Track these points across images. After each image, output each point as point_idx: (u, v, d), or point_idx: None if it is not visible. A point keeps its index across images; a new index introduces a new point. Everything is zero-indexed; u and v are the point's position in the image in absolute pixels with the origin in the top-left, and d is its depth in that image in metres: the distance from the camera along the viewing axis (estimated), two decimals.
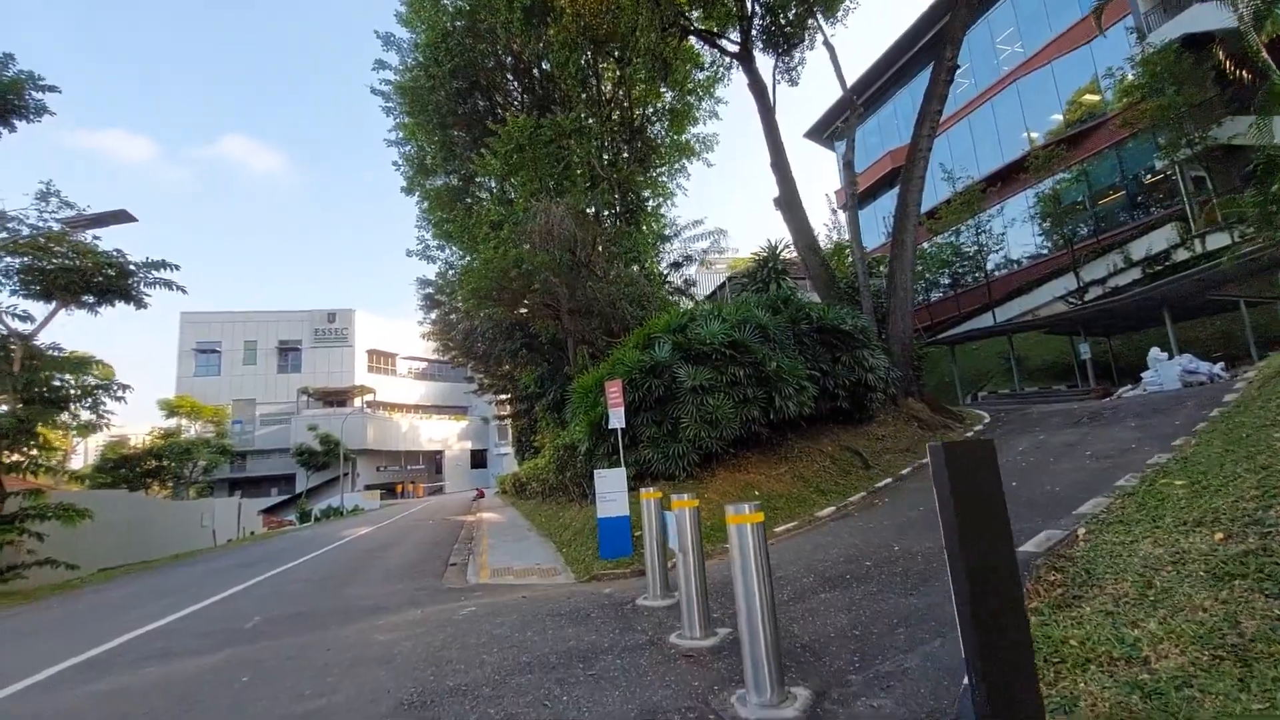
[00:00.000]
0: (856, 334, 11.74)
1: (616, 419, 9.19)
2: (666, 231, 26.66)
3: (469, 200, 28.66)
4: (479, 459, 66.36)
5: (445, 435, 63.25)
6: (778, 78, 19.99)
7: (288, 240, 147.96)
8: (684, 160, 29.82)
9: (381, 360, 60.44)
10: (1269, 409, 6.60)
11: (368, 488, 55.19)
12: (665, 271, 21.71)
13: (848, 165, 14.86)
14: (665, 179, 29.65)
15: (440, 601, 7.20)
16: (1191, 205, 21.36)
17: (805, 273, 15.73)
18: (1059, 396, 17.66)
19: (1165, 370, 13.30)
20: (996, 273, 29.44)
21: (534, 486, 19.83)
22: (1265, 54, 13.56)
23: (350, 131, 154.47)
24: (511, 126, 16.94)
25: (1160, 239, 21.98)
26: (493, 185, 27.81)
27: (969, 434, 12.96)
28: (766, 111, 17.31)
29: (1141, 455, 8.42)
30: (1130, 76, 22.06)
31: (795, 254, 17.13)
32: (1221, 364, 12.91)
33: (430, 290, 34.07)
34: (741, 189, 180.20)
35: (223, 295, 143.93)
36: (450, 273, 30.72)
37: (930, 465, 2.17)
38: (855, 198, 15.04)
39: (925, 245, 30.69)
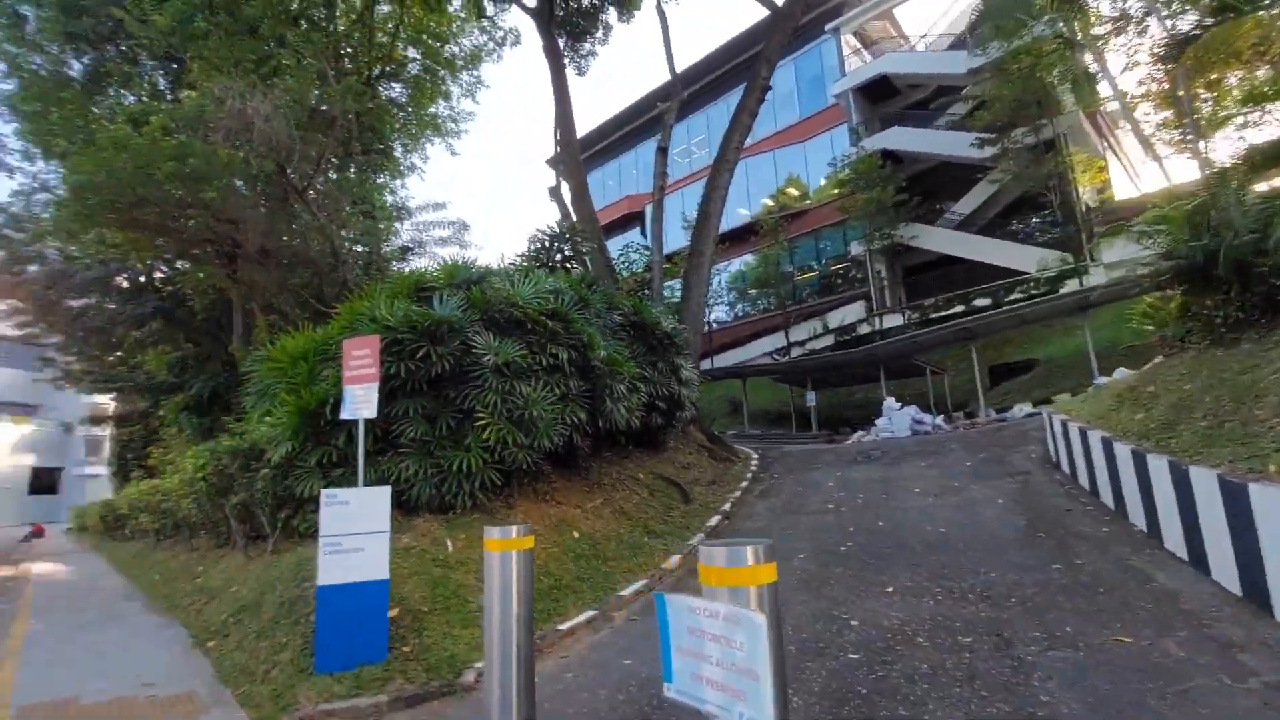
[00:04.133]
0: (676, 337, 9.62)
1: (362, 403, 5.17)
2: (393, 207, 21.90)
3: (97, 104, 19.55)
4: (46, 482, 46.99)
5: None
6: (565, 61, 17.89)
7: None
8: (425, 137, 25.40)
9: None
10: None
11: None
12: (390, 254, 17.13)
13: (661, 152, 13.15)
14: (399, 153, 24.79)
15: None
16: (875, 289, 25.51)
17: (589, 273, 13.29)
18: (791, 439, 18.35)
19: (898, 419, 14.27)
20: (713, 325, 31.44)
21: (144, 522, 12.90)
22: None
23: None
24: None
25: (851, 313, 25.79)
26: (145, 83, 19.44)
27: (752, 468, 11.81)
28: (560, 83, 14.87)
29: (974, 493, 7.83)
30: (846, 172, 25.74)
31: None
32: (941, 417, 14.38)
33: None
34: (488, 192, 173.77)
35: None
36: (39, 196, 20.47)
37: None
38: (663, 190, 13.35)
39: None
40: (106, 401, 32.05)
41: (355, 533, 4.12)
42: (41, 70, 19.02)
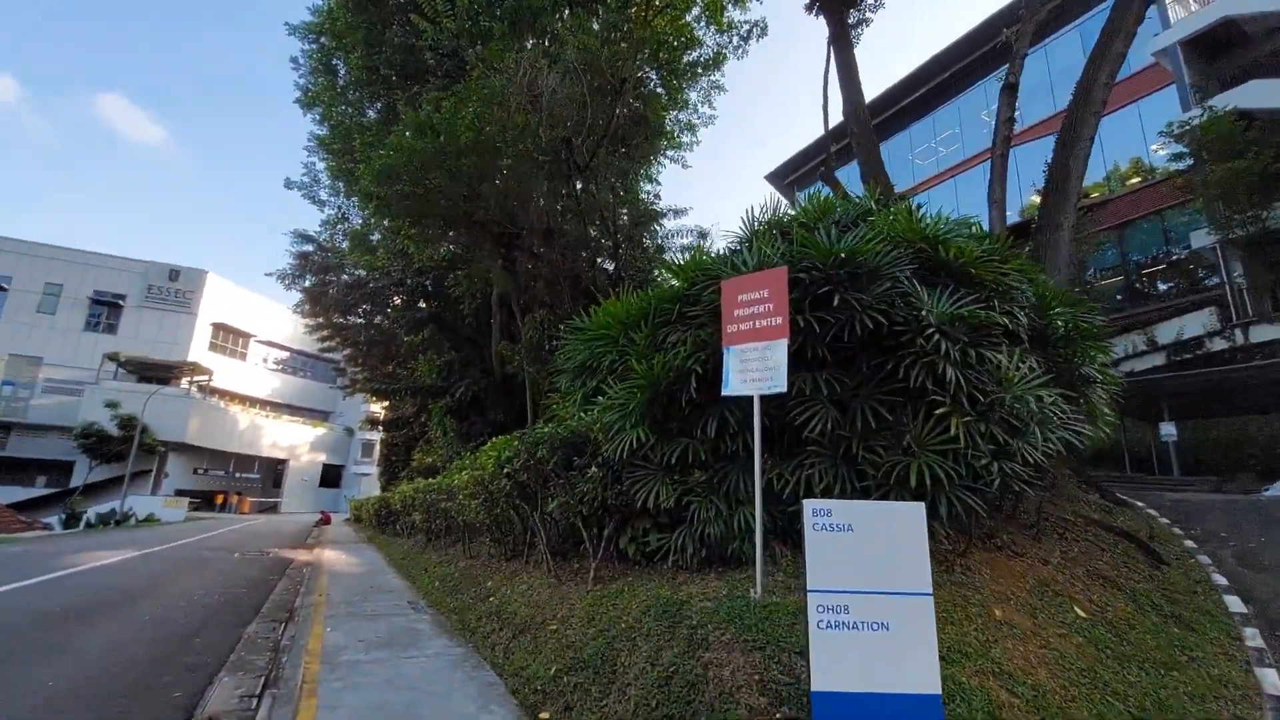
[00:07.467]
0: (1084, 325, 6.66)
1: (759, 369, 3.29)
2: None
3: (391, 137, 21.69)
4: (332, 476, 55.53)
5: (295, 442, 52.20)
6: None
7: (139, 191, 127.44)
8: (663, 149, 24.68)
9: (230, 339, 49.19)
10: None
11: (179, 493, 42.96)
12: (655, 245, 16.10)
13: (1009, 89, 10.26)
14: (640, 169, 24.35)
15: None
16: (1234, 290, 19.11)
17: None
18: (1128, 480, 13.69)
19: None
20: None
21: (415, 520, 12.83)
22: None
23: (248, 100, 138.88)
24: None
25: (1195, 324, 19.62)
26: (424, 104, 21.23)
27: (1162, 522, 8.15)
28: (842, 41, 12.65)
29: None
30: (1170, 146, 19.90)
31: None
32: None
33: (310, 248, 26.14)
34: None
35: (24, 225, 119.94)
36: (342, 226, 23.25)
37: None
38: (1009, 140, 10.38)
39: None
40: (379, 409, 36.62)
41: (872, 590, 2.09)
42: (346, 116, 21.60)
